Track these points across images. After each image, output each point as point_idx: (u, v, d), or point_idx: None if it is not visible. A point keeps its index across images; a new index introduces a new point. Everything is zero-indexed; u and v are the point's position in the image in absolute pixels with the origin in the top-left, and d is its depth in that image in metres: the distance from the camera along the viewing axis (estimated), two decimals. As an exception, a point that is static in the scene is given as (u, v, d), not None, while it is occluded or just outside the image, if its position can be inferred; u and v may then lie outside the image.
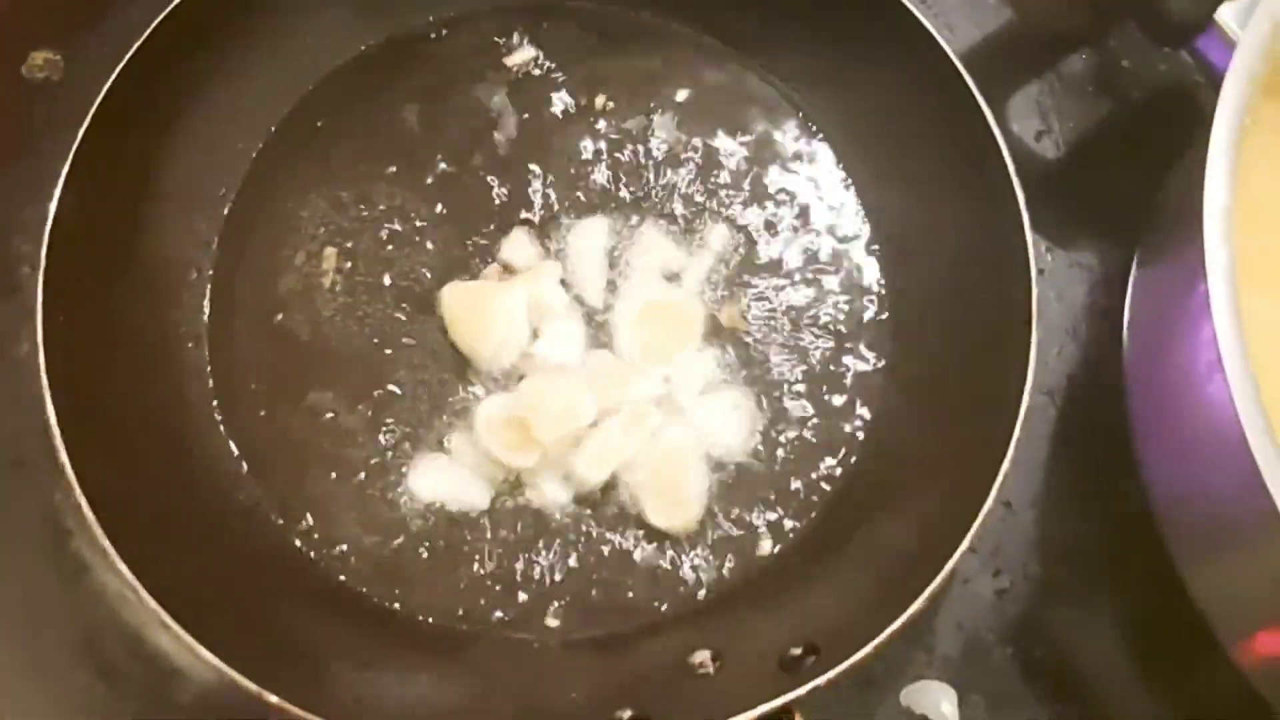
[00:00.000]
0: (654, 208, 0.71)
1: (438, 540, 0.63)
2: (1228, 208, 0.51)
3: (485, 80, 0.73)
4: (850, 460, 0.66)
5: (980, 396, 0.61)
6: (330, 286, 0.68)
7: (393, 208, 0.70)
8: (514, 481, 0.64)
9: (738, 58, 0.74)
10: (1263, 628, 0.56)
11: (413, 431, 0.65)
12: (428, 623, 0.62)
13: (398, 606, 0.62)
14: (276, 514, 0.64)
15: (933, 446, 0.63)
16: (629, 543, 0.64)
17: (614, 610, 0.62)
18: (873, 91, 0.70)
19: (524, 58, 0.74)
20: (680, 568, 0.63)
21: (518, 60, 0.73)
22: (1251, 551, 0.54)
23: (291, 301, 0.68)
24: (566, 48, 0.74)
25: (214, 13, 0.66)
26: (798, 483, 0.65)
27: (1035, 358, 0.58)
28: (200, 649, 0.52)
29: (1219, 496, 0.55)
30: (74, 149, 0.61)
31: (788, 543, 0.64)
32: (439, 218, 0.70)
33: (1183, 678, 0.64)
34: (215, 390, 0.66)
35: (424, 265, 0.69)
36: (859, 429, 0.66)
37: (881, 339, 0.68)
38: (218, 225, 0.69)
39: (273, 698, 0.52)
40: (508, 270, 0.68)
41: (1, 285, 0.69)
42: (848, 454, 0.66)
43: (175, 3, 0.64)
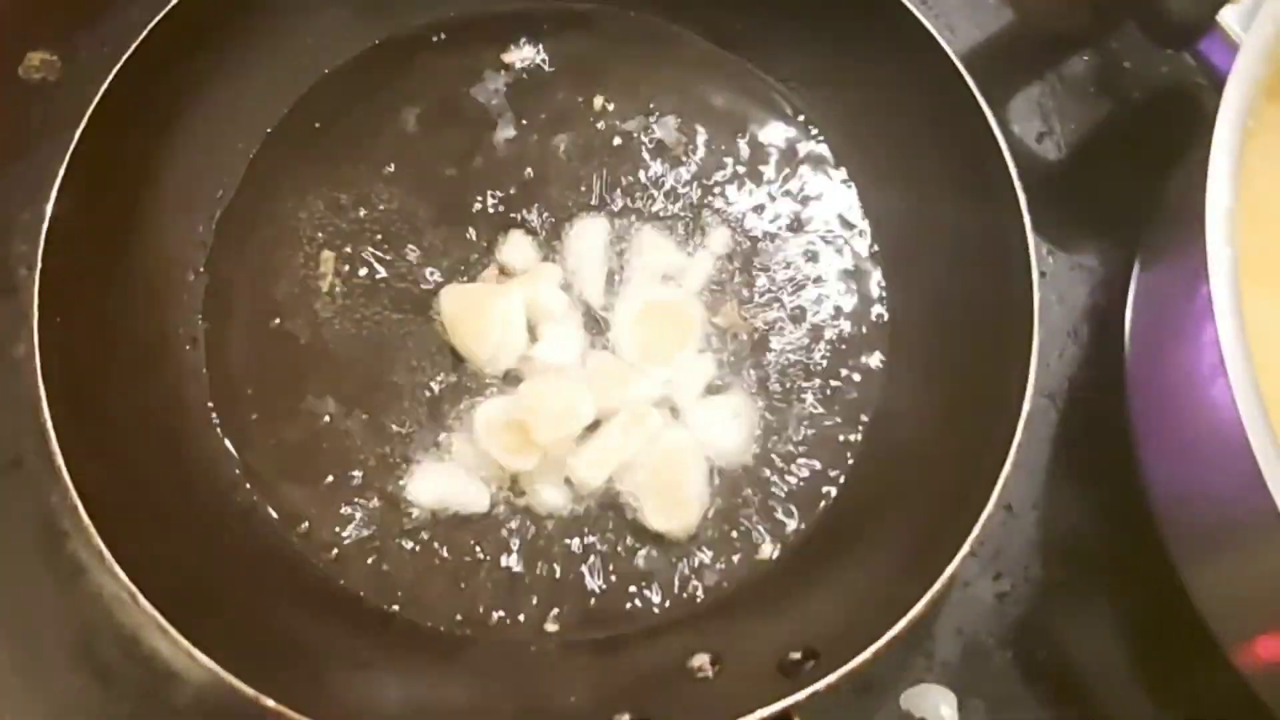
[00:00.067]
0: (653, 209, 0.71)
1: (436, 543, 0.63)
2: (1230, 210, 0.50)
3: (484, 81, 0.73)
4: (850, 463, 0.65)
5: (981, 399, 0.61)
6: (328, 288, 0.68)
7: (391, 209, 0.70)
8: (513, 484, 0.64)
9: (738, 59, 0.74)
10: (1263, 631, 0.56)
11: (411, 434, 0.65)
12: (426, 625, 0.62)
13: (396, 609, 0.62)
14: (274, 516, 0.64)
15: (933, 449, 0.63)
16: (628, 545, 0.63)
17: (613, 613, 0.62)
18: (873, 92, 0.70)
19: (523, 59, 0.73)
20: (679, 570, 0.63)
21: (517, 61, 0.73)
22: (1252, 554, 0.54)
23: (289, 303, 0.68)
24: (565, 49, 0.74)
25: (212, 13, 0.66)
26: (798, 485, 0.65)
27: (1037, 360, 0.58)
28: (196, 653, 0.52)
29: (1220, 499, 0.54)
30: (71, 150, 0.61)
31: (787, 546, 0.64)
32: (437, 219, 0.70)
33: (1183, 681, 0.64)
34: (212, 392, 0.66)
35: (422, 267, 0.69)
36: (859, 431, 0.66)
37: (882, 341, 0.68)
38: (215, 226, 0.69)
39: (270, 701, 0.52)
40: (506, 272, 0.68)
41: (-2, 286, 0.69)
42: (848, 457, 0.66)
43: (173, 3, 0.64)
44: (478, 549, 0.63)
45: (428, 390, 0.66)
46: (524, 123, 0.72)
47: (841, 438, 0.66)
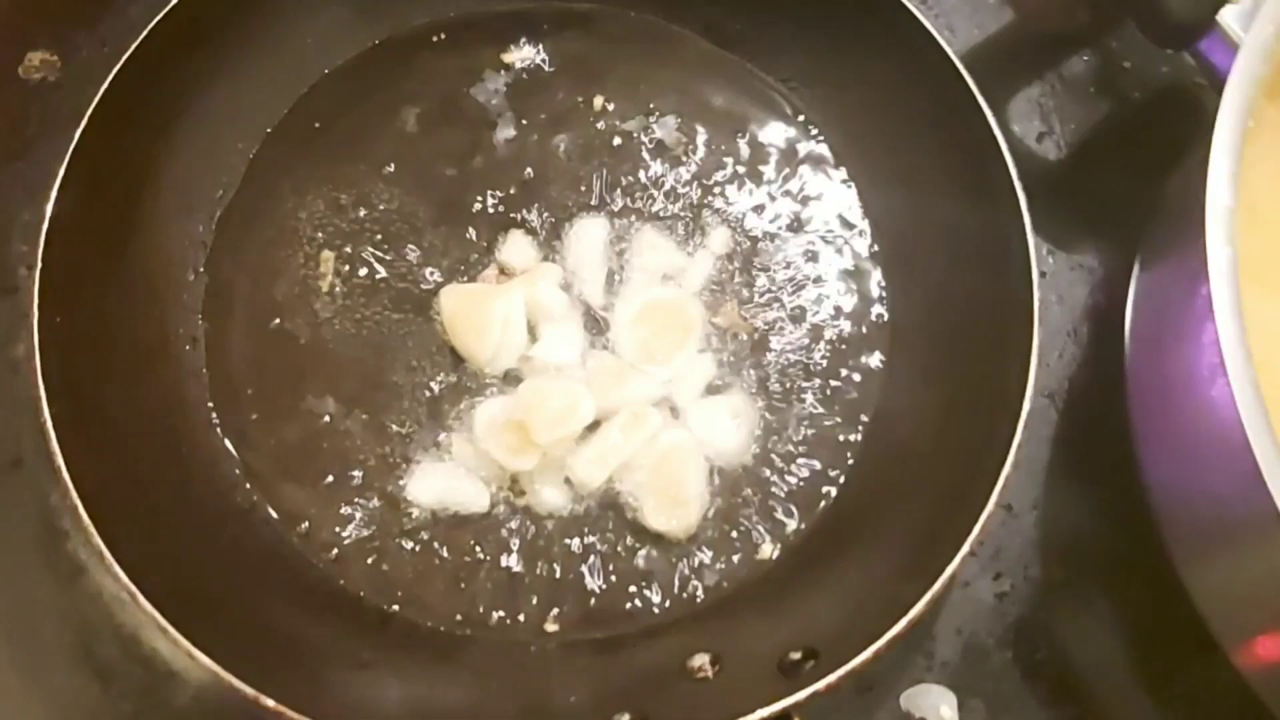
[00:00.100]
0: (653, 209, 0.71)
1: (436, 543, 0.63)
2: (1230, 210, 0.50)
3: (484, 81, 0.73)
4: (850, 463, 0.65)
5: (981, 398, 0.61)
6: (328, 288, 0.68)
7: (391, 209, 0.70)
8: (513, 484, 0.64)
9: (737, 59, 0.74)
10: (1263, 631, 0.56)
11: (411, 434, 0.65)
12: (426, 625, 0.62)
13: (396, 609, 0.62)
14: (273, 516, 0.64)
15: (933, 449, 0.63)
16: (628, 545, 0.63)
17: (613, 613, 0.62)
18: (873, 92, 0.70)
19: (523, 58, 0.73)
20: (679, 570, 0.63)
21: (517, 61, 0.73)
22: (1252, 555, 0.54)
23: (289, 303, 0.68)
24: (565, 49, 0.74)
25: (212, 13, 0.66)
26: (798, 485, 0.65)
27: (1036, 360, 0.58)
28: (196, 652, 0.52)
29: (1220, 499, 0.54)
30: (71, 150, 0.61)
31: (787, 545, 0.64)
32: (437, 219, 0.70)
33: (1183, 680, 0.64)
34: (212, 392, 0.66)
35: (422, 267, 0.69)
36: (859, 431, 0.66)
37: (882, 341, 0.68)
38: (215, 226, 0.69)
39: (269, 701, 0.52)
40: (506, 272, 0.68)
41: (-2, 286, 0.69)
42: (848, 456, 0.66)
43: (172, 3, 0.64)
44: (477, 549, 0.63)
45: (427, 390, 0.66)
46: (524, 123, 0.72)
47: (841, 437, 0.66)
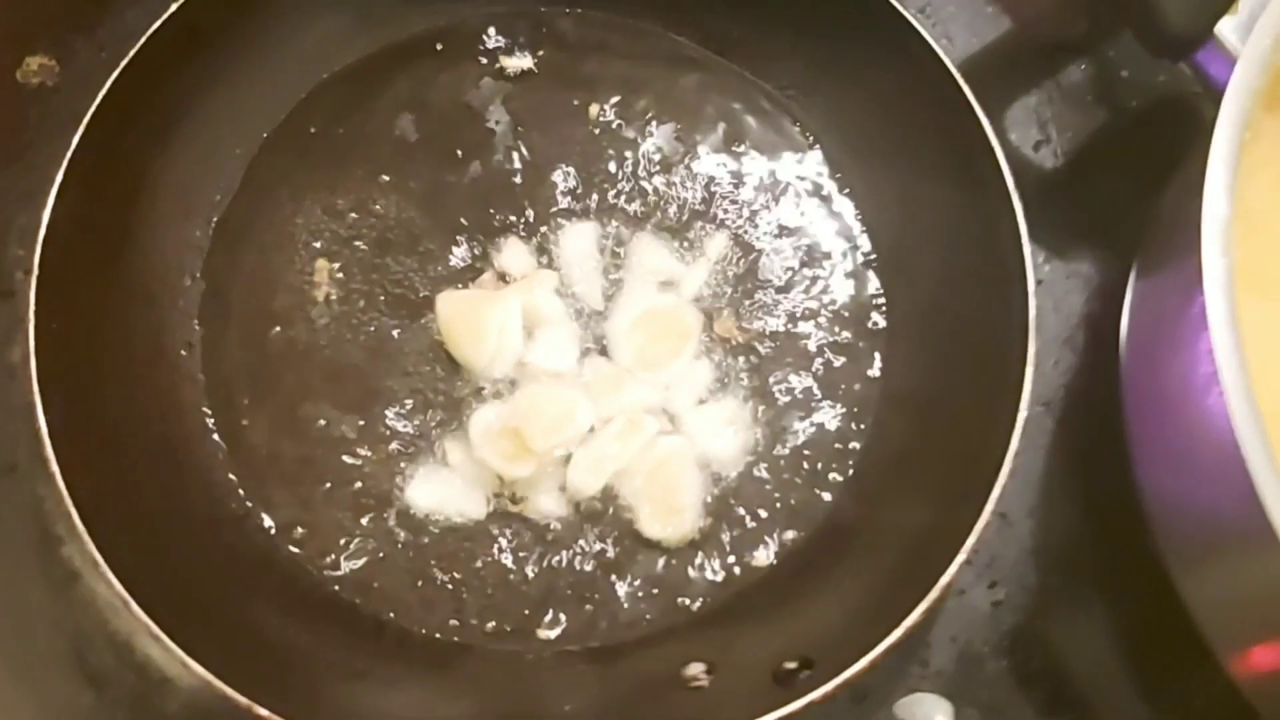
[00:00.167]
0: (650, 215, 0.70)
1: (432, 550, 0.63)
2: (1227, 222, 0.50)
3: (481, 87, 0.73)
4: (847, 471, 0.65)
5: (977, 407, 0.61)
6: (325, 294, 0.68)
7: (387, 215, 0.70)
8: (509, 491, 0.64)
9: (735, 67, 0.73)
10: (1258, 641, 0.56)
11: (407, 441, 0.65)
12: (420, 634, 0.61)
13: (390, 617, 0.62)
14: (269, 523, 0.63)
15: (929, 457, 0.63)
16: (624, 553, 0.63)
17: (608, 621, 0.62)
18: (870, 100, 0.69)
19: (520, 64, 0.73)
20: (675, 578, 0.63)
21: (514, 67, 0.73)
22: (1246, 566, 0.54)
23: (286, 309, 0.68)
24: (563, 55, 0.74)
25: (210, 19, 0.66)
26: (794, 494, 0.65)
27: (1033, 368, 0.58)
28: (189, 660, 0.52)
29: (1215, 510, 0.54)
30: (69, 155, 0.60)
31: (783, 554, 0.64)
32: (434, 225, 0.70)
33: (1178, 689, 0.63)
34: (208, 398, 0.66)
35: (418, 273, 0.69)
36: (855, 439, 0.66)
37: (878, 349, 0.68)
38: (212, 232, 0.69)
39: (262, 710, 0.51)
40: (502, 278, 0.68)
41: (-5, 291, 0.68)
42: (844, 465, 0.66)
43: (171, 10, 0.63)
44: (473, 556, 0.63)
45: (424, 397, 0.66)
46: (521, 129, 0.72)
47: (837, 446, 0.66)
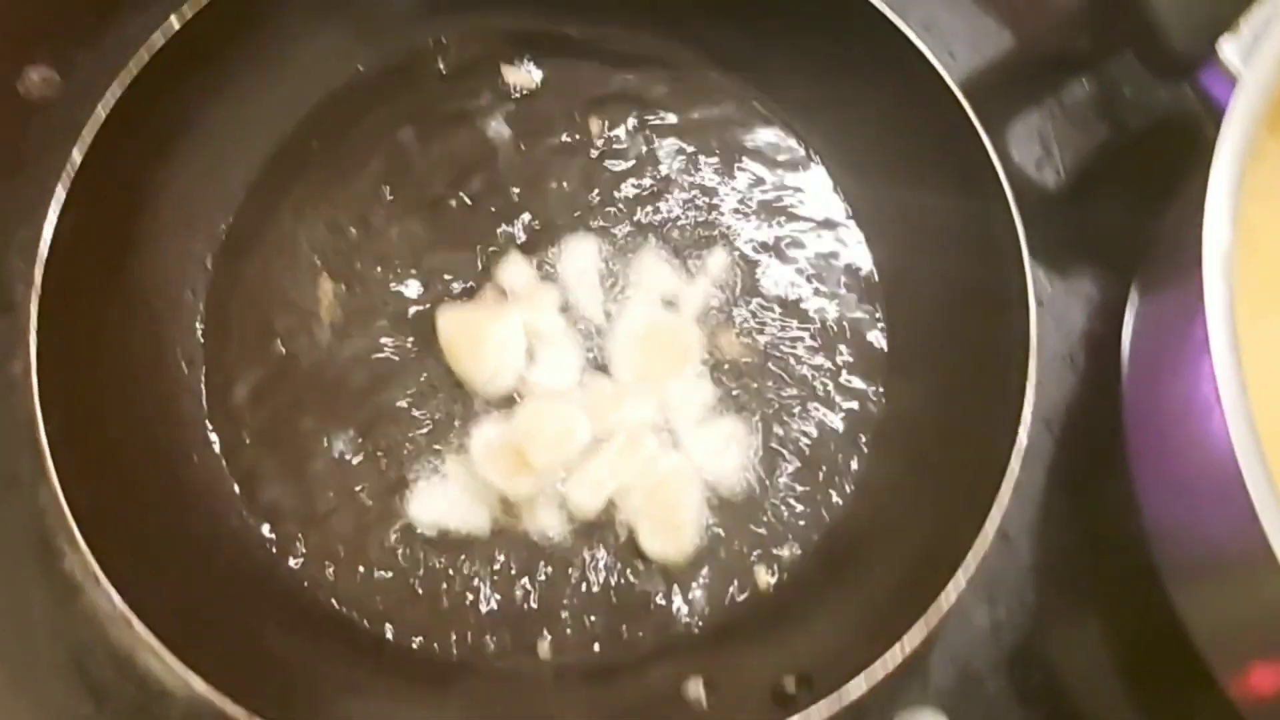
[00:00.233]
0: (652, 232, 0.70)
1: (432, 567, 0.63)
2: (1228, 248, 0.50)
3: (483, 103, 0.73)
4: (847, 489, 0.65)
5: (977, 425, 0.61)
6: (326, 309, 0.68)
7: (389, 230, 0.70)
8: (510, 508, 0.64)
9: (737, 82, 0.73)
10: (1256, 662, 0.56)
11: (408, 457, 0.65)
12: (419, 651, 0.61)
13: (390, 634, 0.62)
14: (269, 538, 0.63)
15: (929, 476, 0.63)
16: (623, 571, 0.63)
17: (607, 639, 0.62)
18: (871, 117, 0.69)
19: (523, 80, 0.73)
20: (674, 597, 0.63)
21: (516, 83, 0.73)
22: (1245, 587, 0.54)
23: (287, 324, 0.68)
24: (565, 70, 0.74)
25: (213, 32, 0.65)
26: (794, 512, 0.65)
27: (1034, 387, 0.58)
28: (190, 675, 0.52)
29: (1215, 531, 0.54)
30: (71, 168, 0.60)
31: (783, 572, 0.64)
32: (435, 241, 0.70)
33: (1177, 711, 0.63)
34: (209, 412, 0.66)
35: (420, 289, 0.69)
36: (856, 458, 0.66)
37: (879, 367, 0.68)
38: (214, 246, 0.69)
39: (263, 726, 0.52)
40: (504, 295, 0.68)
41: (-4, 303, 0.68)
42: (845, 483, 0.66)
43: (174, 25, 0.63)
44: (473, 573, 0.63)
45: (424, 413, 0.66)
46: (523, 145, 0.72)
47: (839, 464, 0.66)
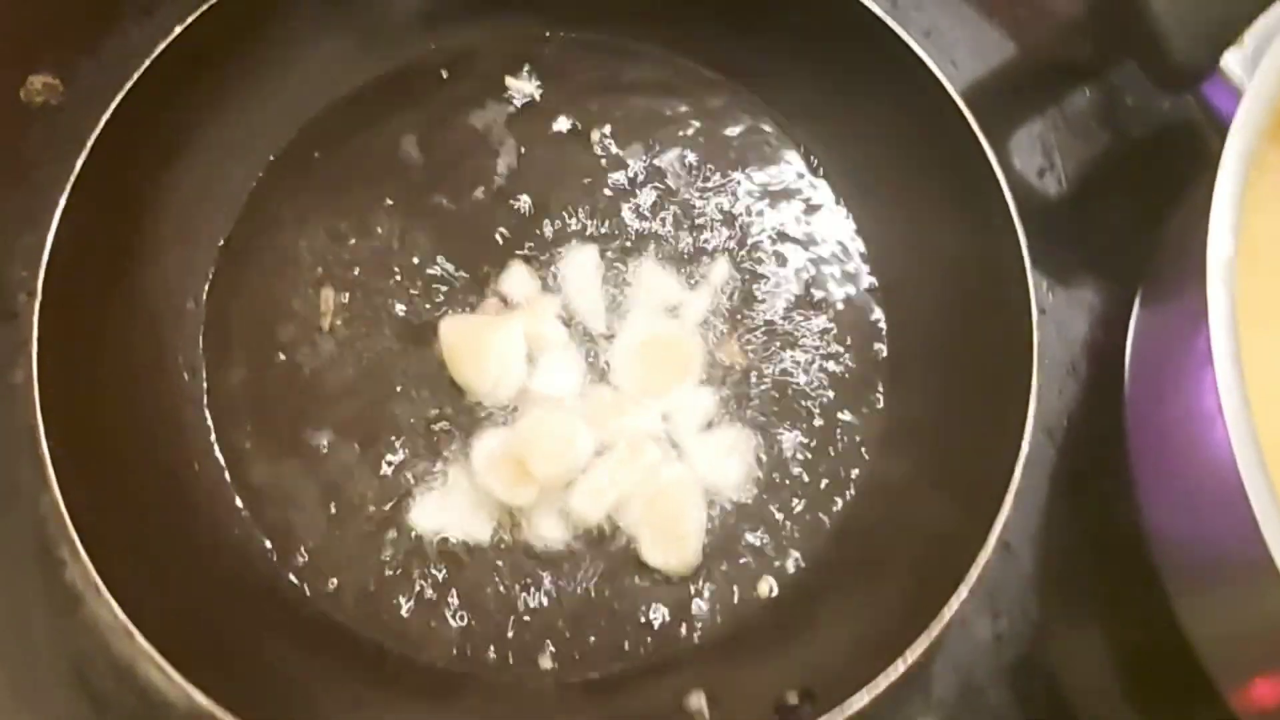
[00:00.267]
0: (654, 241, 0.70)
1: (433, 578, 0.63)
2: (1231, 261, 0.50)
3: (486, 111, 0.73)
4: (850, 500, 0.65)
5: (980, 435, 0.61)
6: (328, 318, 0.68)
7: (391, 239, 0.70)
8: (511, 518, 0.64)
9: (740, 91, 0.74)
10: (1258, 674, 0.56)
11: (410, 467, 0.65)
12: (420, 662, 0.61)
13: (391, 645, 0.61)
14: (271, 549, 0.63)
15: (932, 486, 0.63)
16: (625, 582, 0.63)
17: (608, 651, 0.62)
18: (875, 127, 0.69)
19: (525, 89, 0.73)
20: (676, 608, 0.63)
21: (518, 91, 0.73)
22: (1248, 599, 0.53)
23: (289, 333, 0.68)
24: (568, 79, 0.74)
25: (216, 41, 0.66)
26: (797, 523, 0.65)
27: (1036, 397, 0.58)
28: (190, 688, 0.52)
29: (1217, 542, 0.54)
30: (73, 176, 0.61)
31: (785, 584, 0.63)
32: (437, 250, 0.70)
33: (1180, 720, 0.63)
34: (211, 421, 0.66)
35: (422, 298, 0.69)
36: (858, 468, 0.66)
37: (881, 376, 0.68)
38: (215, 255, 0.69)
39: (264, 738, 0.52)
40: (506, 303, 0.68)
41: (-2, 312, 0.68)
42: (847, 494, 0.65)
43: (176, 31, 0.64)
44: (475, 584, 0.63)
45: (426, 422, 0.66)
46: (524, 153, 0.72)
47: (841, 474, 0.66)
